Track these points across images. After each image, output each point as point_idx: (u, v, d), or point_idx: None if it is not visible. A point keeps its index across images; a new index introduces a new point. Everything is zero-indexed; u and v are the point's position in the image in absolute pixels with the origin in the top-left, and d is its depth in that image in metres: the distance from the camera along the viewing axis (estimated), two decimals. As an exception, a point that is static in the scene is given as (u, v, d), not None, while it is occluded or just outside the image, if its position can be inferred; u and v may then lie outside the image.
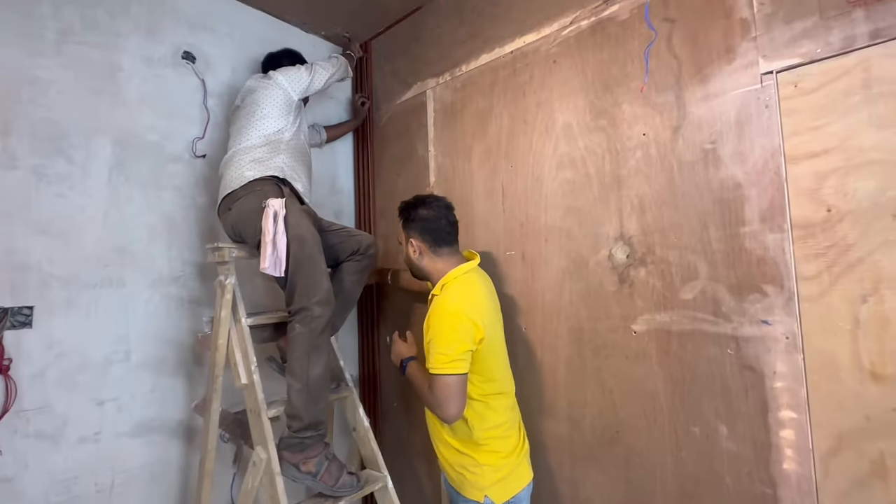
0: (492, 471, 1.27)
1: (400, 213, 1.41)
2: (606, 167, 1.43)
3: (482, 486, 1.26)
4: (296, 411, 1.28)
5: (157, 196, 1.66)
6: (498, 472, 1.28)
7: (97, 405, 1.47)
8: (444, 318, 1.23)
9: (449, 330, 1.21)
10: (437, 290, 1.32)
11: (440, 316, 1.24)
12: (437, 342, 1.21)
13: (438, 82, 1.96)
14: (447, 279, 1.32)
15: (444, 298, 1.28)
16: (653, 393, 1.31)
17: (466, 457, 1.28)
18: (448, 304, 1.26)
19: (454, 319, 1.22)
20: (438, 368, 1.19)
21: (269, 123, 1.58)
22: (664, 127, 1.31)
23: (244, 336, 1.37)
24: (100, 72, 1.55)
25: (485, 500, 1.25)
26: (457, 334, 1.21)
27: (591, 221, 1.45)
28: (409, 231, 1.38)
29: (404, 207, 1.41)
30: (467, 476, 1.28)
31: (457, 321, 1.22)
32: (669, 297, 1.28)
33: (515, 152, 1.67)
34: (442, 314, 1.24)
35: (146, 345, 1.59)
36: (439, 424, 1.33)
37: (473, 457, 1.28)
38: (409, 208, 1.40)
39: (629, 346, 1.36)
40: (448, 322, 1.22)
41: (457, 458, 1.30)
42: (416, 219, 1.37)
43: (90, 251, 1.49)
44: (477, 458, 1.27)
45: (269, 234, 1.32)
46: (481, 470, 1.27)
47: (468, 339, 1.22)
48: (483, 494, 1.25)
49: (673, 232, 1.28)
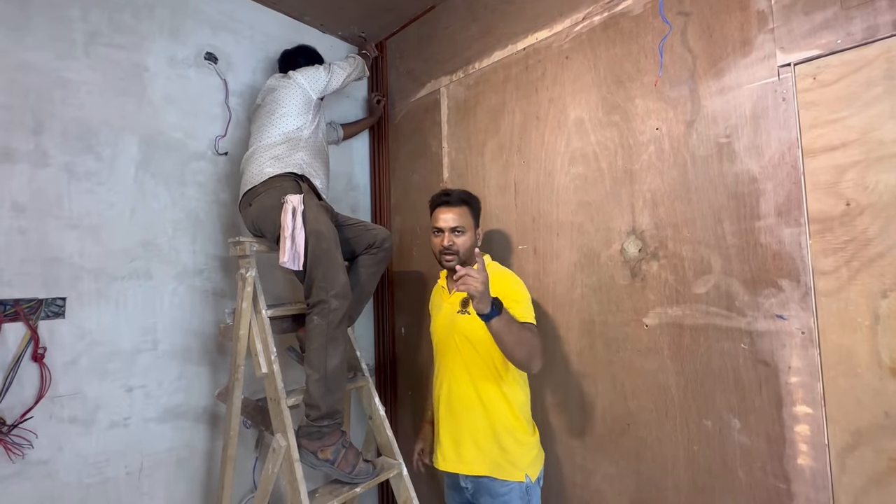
0: (532, 446, 1.35)
1: (467, 203, 1.44)
2: (619, 162, 1.43)
3: (523, 464, 1.30)
4: (314, 401, 1.32)
5: (182, 192, 1.72)
6: (535, 447, 1.37)
7: (127, 392, 1.54)
8: (515, 280, 1.36)
9: (525, 291, 1.34)
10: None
11: (510, 279, 1.36)
12: (519, 297, 1.30)
13: (452, 80, 1.97)
14: (486, 260, 1.40)
15: (502, 271, 1.41)
16: (664, 386, 1.31)
17: (516, 430, 1.32)
18: (511, 274, 1.40)
19: (524, 285, 1.36)
20: (532, 318, 1.29)
21: (289, 122, 1.63)
22: (678, 121, 1.30)
23: (264, 327, 1.42)
24: (126, 72, 1.61)
25: (525, 478, 1.29)
26: (528, 295, 1.34)
27: (603, 216, 1.46)
28: (478, 220, 1.47)
29: (472, 198, 1.47)
30: (511, 453, 1.30)
31: (524, 286, 1.36)
32: (682, 291, 1.28)
33: (528, 148, 1.68)
34: (510, 278, 1.37)
35: (172, 335, 1.66)
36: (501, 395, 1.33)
37: (525, 428, 1.34)
38: (477, 199, 1.48)
39: (641, 340, 1.36)
40: (522, 285, 1.35)
41: (506, 435, 1.31)
42: (481, 209, 1.49)
43: (118, 245, 1.56)
44: (527, 429, 1.35)
45: (287, 229, 1.36)
46: (527, 445, 1.33)
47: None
48: (524, 473, 1.29)
49: (686, 226, 1.28)
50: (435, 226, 1.43)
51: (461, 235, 1.39)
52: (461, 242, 1.39)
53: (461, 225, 1.40)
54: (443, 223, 1.40)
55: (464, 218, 1.41)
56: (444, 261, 1.41)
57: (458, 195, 1.43)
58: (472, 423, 1.33)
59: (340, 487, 1.38)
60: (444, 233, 1.40)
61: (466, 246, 1.40)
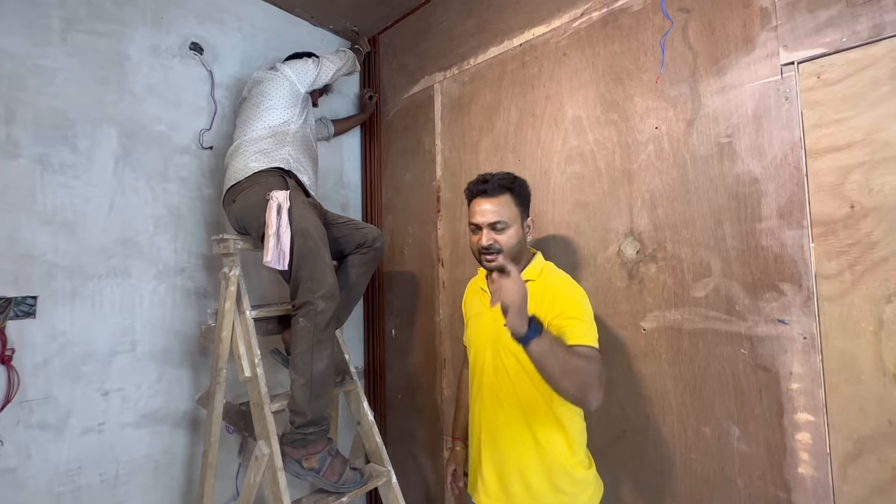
0: (590, 482, 1.12)
1: (510, 189, 1.15)
2: (617, 161, 1.39)
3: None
4: (299, 407, 1.26)
5: (164, 187, 1.65)
6: (593, 482, 1.14)
7: (102, 396, 1.47)
8: (573, 290, 1.11)
9: (586, 303, 1.10)
10: (533, 276, 1.14)
11: (567, 287, 1.11)
12: (577, 311, 1.05)
13: (446, 76, 1.93)
14: (540, 264, 1.19)
15: (566, 280, 1.16)
16: (662, 392, 1.28)
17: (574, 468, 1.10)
18: (574, 283, 1.15)
19: (584, 294, 1.12)
20: (594, 340, 1.04)
21: (275, 115, 1.57)
22: (678, 120, 1.27)
23: (248, 328, 1.36)
24: (106, 61, 1.54)
25: None
26: (590, 309, 1.09)
27: (600, 216, 1.42)
28: (525, 209, 1.18)
29: (517, 183, 1.17)
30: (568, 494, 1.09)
31: (586, 297, 1.12)
32: (681, 294, 1.25)
33: (523, 146, 1.64)
34: (568, 286, 1.12)
35: (152, 336, 1.58)
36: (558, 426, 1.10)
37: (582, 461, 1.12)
38: (523, 184, 1.18)
39: (638, 344, 1.33)
40: (585, 299, 1.11)
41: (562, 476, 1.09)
42: (529, 196, 1.20)
43: (95, 242, 1.48)
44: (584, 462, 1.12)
45: (272, 227, 1.31)
46: (585, 482, 1.10)
47: None
48: None
49: (685, 228, 1.25)
50: (471, 221, 1.16)
51: (504, 231, 1.12)
52: (504, 240, 1.12)
53: (502, 219, 1.12)
54: (479, 218, 1.13)
55: (506, 209, 1.12)
56: (484, 262, 1.15)
57: (497, 181, 1.14)
58: (521, 460, 1.11)
59: (326, 497, 1.32)
60: (482, 230, 1.13)
61: (512, 243, 1.12)
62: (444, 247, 1.90)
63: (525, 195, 1.19)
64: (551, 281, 1.14)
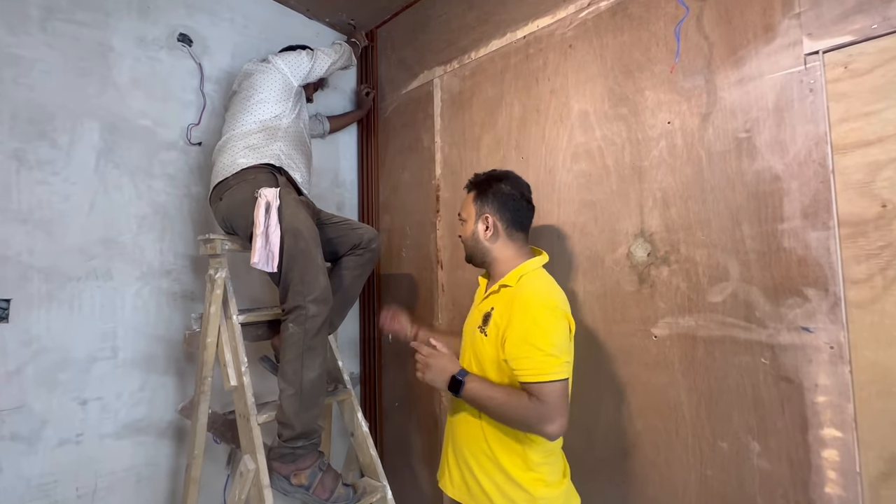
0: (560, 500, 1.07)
1: (474, 185, 1.20)
2: (626, 158, 1.32)
3: None
4: (287, 419, 1.18)
5: (149, 185, 1.57)
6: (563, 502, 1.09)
7: (80, 405, 1.39)
8: (541, 312, 1.01)
9: (552, 325, 1.01)
10: (511, 281, 1.10)
11: (535, 308, 1.02)
12: (539, 340, 0.98)
13: (446, 70, 1.86)
14: (523, 270, 1.11)
15: (531, 290, 1.06)
16: (675, 403, 1.20)
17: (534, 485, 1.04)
18: (540, 295, 1.05)
19: (554, 315, 1.02)
20: (549, 373, 0.97)
21: (267, 109, 1.49)
22: (692, 114, 1.20)
23: (235, 334, 1.28)
24: (88, 52, 1.47)
25: None
26: (559, 332, 1.02)
27: (609, 216, 1.34)
28: (485, 205, 1.16)
29: (482, 179, 1.20)
30: None
31: (556, 318, 1.02)
32: (695, 299, 1.17)
33: (527, 143, 1.56)
34: (537, 306, 1.02)
35: (135, 341, 1.50)
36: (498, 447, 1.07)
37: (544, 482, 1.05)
38: (488, 180, 1.19)
39: (649, 352, 1.25)
40: (549, 316, 1.01)
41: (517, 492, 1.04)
42: (497, 193, 1.16)
43: (75, 242, 1.40)
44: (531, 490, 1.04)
45: (260, 226, 1.23)
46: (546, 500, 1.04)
47: (568, 338, 1.05)
48: None
49: (700, 228, 1.17)
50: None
51: (463, 225, 1.21)
52: (464, 232, 1.20)
53: (462, 212, 1.21)
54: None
55: (466, 204, 1.20)
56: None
57: (473, 178, 1.22)
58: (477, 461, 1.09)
59: (317, 514, 1.24)
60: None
61: (466, 236, 1.19)
62: (443, 248, 1.83)
63: (487, 194, 1.17)
64: (522, 292, 1.07)
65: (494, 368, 1.07)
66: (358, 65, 2.25)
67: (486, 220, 1.15)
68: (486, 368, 1.08)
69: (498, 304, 1.10)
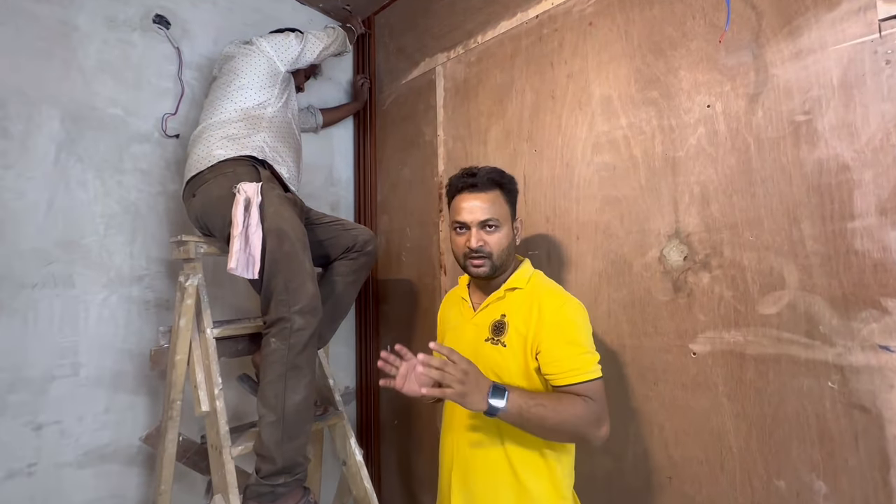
0: None
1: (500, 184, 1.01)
2: (657, 148, 1.15)
3: None
4: (267, 451, 1.01)
5: (118, 181, 1.40)
6: None
7: (33, 431, 1.22)
8: (572, 308, 0.95)
9: (585, 322, 0.95)
10: (520, 283, 1.01)
11: (567, 306, 0.95)
12: (578, 337, 0.92)
13: (450, 57, 1.70)
14: (527, 270, 1.04)
15: (552, 288, 1.00)
16: (719, 432, 1.03)
17: None
18: (563, 293, 0.99)
19: (584, 312, 0.96)
20: (593, 371, 0.90)
21: (249, 95, 1.33)
22: (737, 95, 1.04)
23: (208, 350, 1.11)
24: (48, 31, 1.30)
25: None
26: (589, 328, 0.95)
27: (637, 215, 1.18)
28: (514, 208, 1.05)
29: (506, 178, 1.03)
30: None
31: (585, 314, 0.96)
32: (743, 310, 1.01)
33: (540, 133, 1.40)
34: (568, 304, 0.95)
35: (100, 356, 1.33)
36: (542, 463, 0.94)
37: None
38: (511, 180, 1.04)
39: (686, 371, 1.08)
40: (581, 312, 0.95)
41: None
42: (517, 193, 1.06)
43: (29, 244, 1.24)
44: None
45: (238, 226, 1.06)
46: None
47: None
48: None
49: (749, 228, 1.01)
50: (457, 219, 1.00)
51: (495, 232, 0.98)
52: (495, 242, 0.97)
53: (493, 217, 0.97)
54: (468, 215, 0.98)
55: (496, 206, 0.99)
56: (470, 267, 0.99)
57: (486, 174, 1.00)
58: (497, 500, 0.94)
59: (302, 560, 1.07)
60: (470, 229, 0.98)
61: (502, 246, 0.98)
62: (446, 252, 1.66)
63: (514, 192, 1.06)
64: (541, 291, 0.99)
65: (522, 381, 0.95)
66: (354, 54, 2.10)
67: (520, 223, 1.07)
68: (510, 383, 0.94)
69: (511, 310, 0.99)
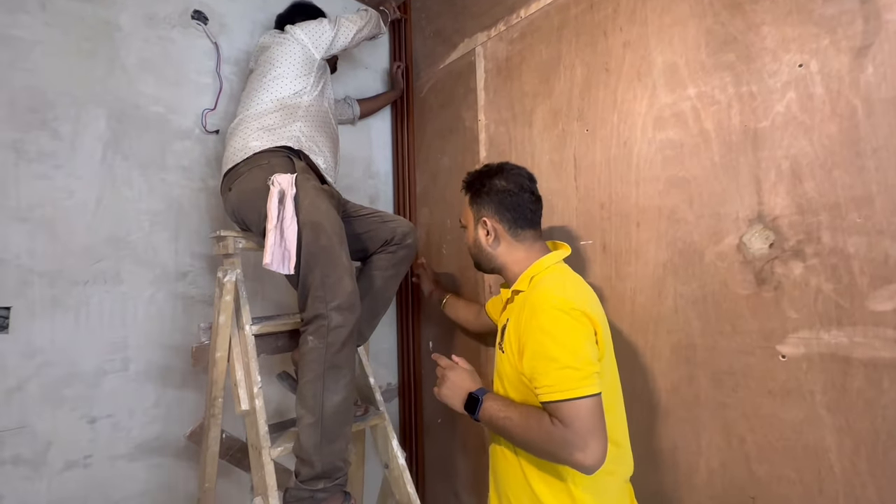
0: None
1: (467, 185, 1.09)
2: (734, 119, 1.00)
3: None
4: (306, 453, 0.97)
5: (161, 178, 1.41)
6: None
7: (88, 423, 1.25)
8: (551, 315, 0.86)
9: (567, 332, 0.85)
10: (523, 286, 0.98)
11: (544, 312, 0.87)
12: (553, 349, 0.84)
13: (490, 36, 1.59)
14: (535, 270, 0.98)
15: (544, 292, 0.91)
16: (816, 448, 0.88)
17: None
18: (550, 295, 0.89)
19: (570, 318, 0.86)
20: (570, 389, 0.81)
21: (285, 85, 1.29)
22: (838, 50, 0.87)
23: (248, 348, 1.08)
24: (93, 32, 1.32)
25: None
26: (579, 337, 0.85)
27: (709, 197, 1.03)
28: (481, 208, 1.04)
29: (474, 178, 1.08)
30: None
31: (574, 320, 0.86)
32: (848, 307, 0.85)
33: (593, 111, 1.27)
34: (547, 309, 0.87)
35: (148, 352, 1.35)
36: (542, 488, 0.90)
37: None
38: (480, 178, 1.06)
39: (773, 377, 0.93)
40: (564, 322, 0.86)
41: None
42: (491, 191, 1.02)
43: (80, 242, 1.26)
44: None
45: (273, 220, 1.02)
46: None
47: (592, 343, 0.88)
48: None
49: (855, 207, 0.84)
50: None
51: (465, 231, 1.11)
52: (467, 240, 1.10)
53: (461, 217, 1.11)
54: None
55: (464, 208, 1.10)
56: None
57: (464, 178, 1.10)
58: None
59: (344, 568, 1.02)
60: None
61: (469, 244, 1.09)
62: (489, 243, 1.56)
63: (483, 192, 1.04)
64: (535, 295, 0.93)
65: (518, 387, 0.94)
66: (391, 41, 2.03)
67: (484, 224, 1.03)
68: (509, 390, 0.96)
69: (513, 314, 0.99)
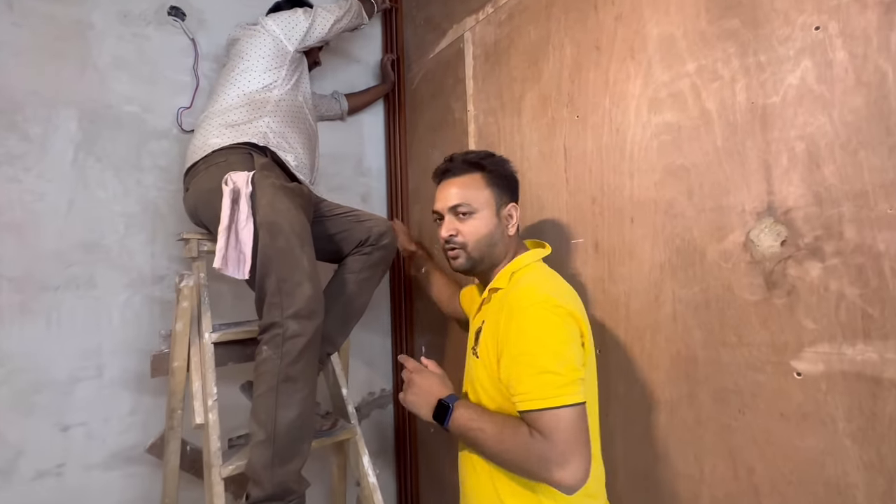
0: None
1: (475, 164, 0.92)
2: (738, 96, 0.86)
3: None
4: (257, 474, 0.89)
5: (137, 179, 1.38)
6: None
7: (61, 431, 1.22)
8: (532, 313, 0.77)
9: (551, 332, 0.76)
10: (501, 283, 0.89)
11: (525, 310, 0.78)
12: (533, 352, 0.75)
13: (478, 19, 1.48)
14: (516, 265, 0.90)
15: (525, 290, 0.82)
16: (839, 483, 0.74)
17: None
18: (535, 294, 0.80)
19: (555, 316, 0.77)
20: (551, 396, 0.72)
21: (253, 78, 1.23)
22: (862, 7, 0.72)
23: (206, 357, 1.02)
24: (64, 31, 1.29)
25: None
26: (564, 338, 0.76)
27: (711, 187, 0.90)
28: (504, 192, 0.92)
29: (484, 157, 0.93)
30: None
31: (559, 319, 0.77)
32: (878, 316, 0.70)
33: (583, 95, 1.14)
34: (527, 306, 0.78)
35: (124, 358, 1.32)
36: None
37: None
38: (493, 158, 0.94)
39: (787, 398, 0.79)
40: (547, 321, 0.76)
41: None
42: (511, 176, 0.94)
43: (51, 247, 1.24)
44: None
45: (225, 220, 0.95)
46: None
47: (578, 346, 0.79)
48: None
49: (885, 196, 0.69)
50: (433, 209, 0.95)
51: (468, 219, 0.89)
52: (469, 230, 0.88)
53: (464, 201, 0.89)
54: (439, 203, 0.93)
55: (471, 190, 0.89)
56: (449, 260, 0.93)
57: (463, 157, 0.93)
58: None
59: None
60: (443, 218, 0.92)
61: (479, 234, 0.88)
62: (479, 242, 1.46)
63: (504, 175, 0.94)
64: (513, 291, 0.85)
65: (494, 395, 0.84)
66: (382, 32, 1.95)
67: (514, 210, 0.93)
68: (483, 399, 0.86)
69: (489, 316, 0.89)
